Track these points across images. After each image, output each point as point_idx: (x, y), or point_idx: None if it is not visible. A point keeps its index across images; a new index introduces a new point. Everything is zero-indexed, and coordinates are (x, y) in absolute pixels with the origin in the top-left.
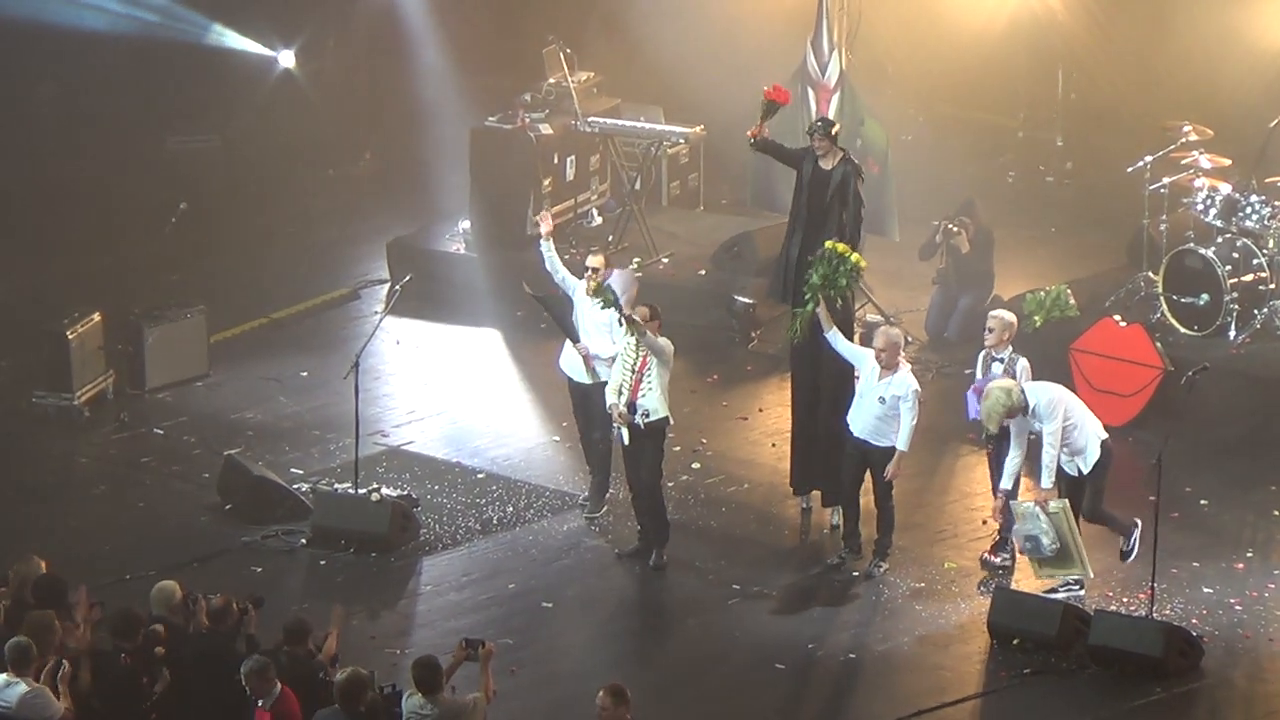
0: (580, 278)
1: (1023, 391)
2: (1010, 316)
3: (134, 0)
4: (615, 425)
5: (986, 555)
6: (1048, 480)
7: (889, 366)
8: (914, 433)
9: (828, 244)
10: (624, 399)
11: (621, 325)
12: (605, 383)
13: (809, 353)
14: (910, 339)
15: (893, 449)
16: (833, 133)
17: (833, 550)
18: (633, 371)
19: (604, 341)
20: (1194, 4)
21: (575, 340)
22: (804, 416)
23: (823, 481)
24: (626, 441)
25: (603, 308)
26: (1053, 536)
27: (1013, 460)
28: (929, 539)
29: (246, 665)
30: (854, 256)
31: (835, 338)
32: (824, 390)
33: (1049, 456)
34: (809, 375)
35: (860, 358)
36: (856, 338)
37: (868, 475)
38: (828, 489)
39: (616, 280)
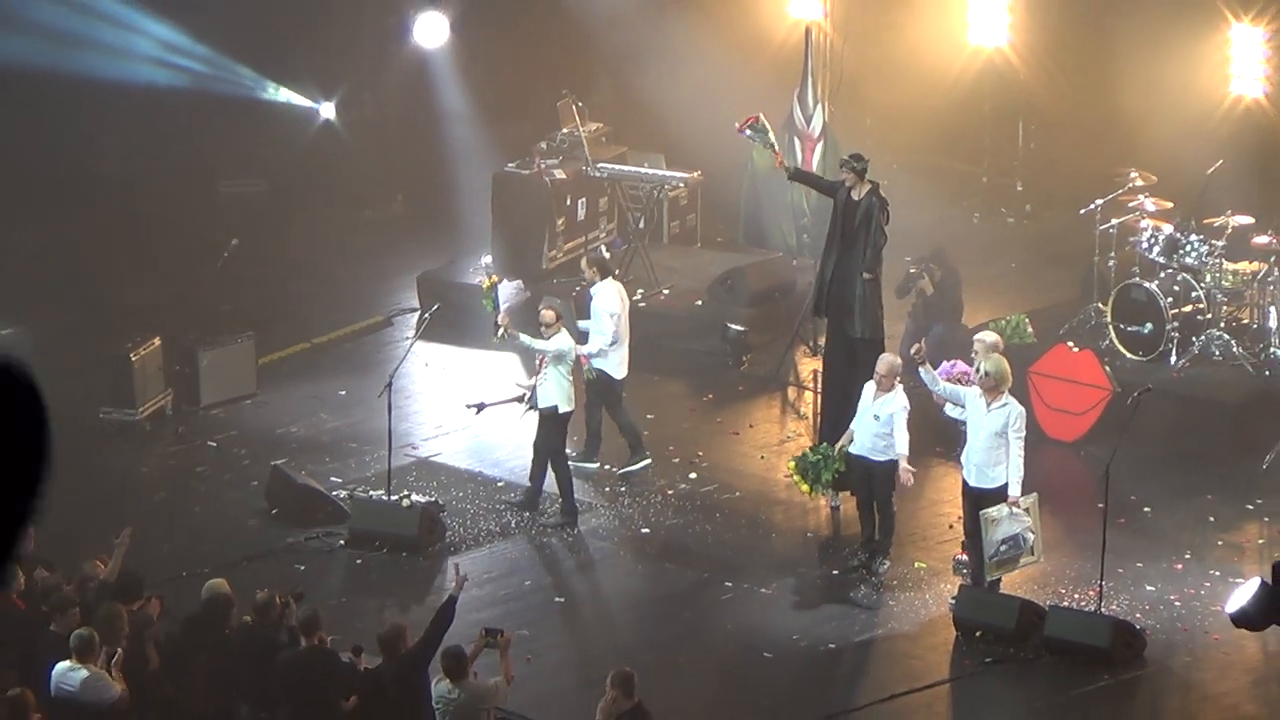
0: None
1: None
2: (993, 337)
3: (187, 56)
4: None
5: (958, 556)
6: (1017, 489)
7: (885, 389)
8: (909, 441)
9: (791, 465)
10: (530, 383)
11: (498, 329)
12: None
13: (837, 358)
14: None
15: (891, 463)
16: (860, 166)
17: (820, 552)
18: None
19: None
20: (1140, 63)
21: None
22: (832, 397)
23: None
24: (521, 415)
25: (489, 309)
26: (1032, 529)
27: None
28: (901, 541)
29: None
30: (834, 462)
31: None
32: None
33: (1018, 470)
34: (840, 377)
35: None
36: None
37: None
38: None
39: (504, 290)
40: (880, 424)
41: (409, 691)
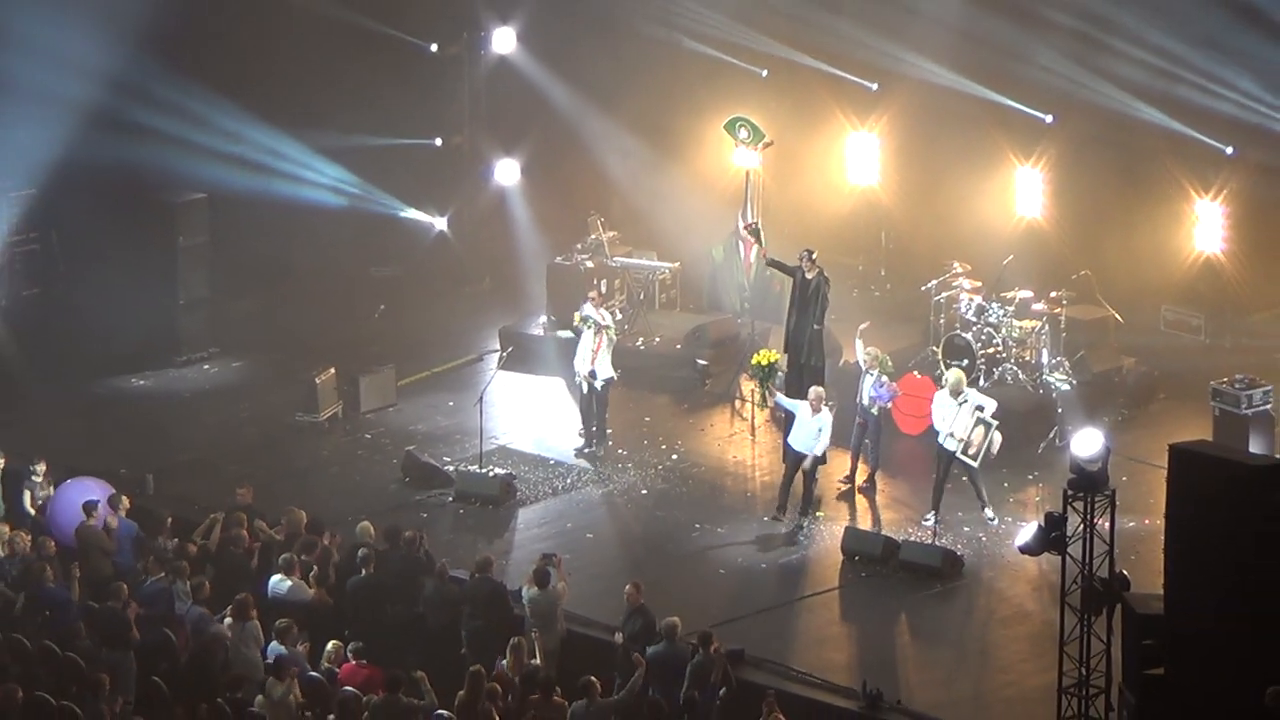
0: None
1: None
2: (876, 350)
3: (348, 185)
4: (581, 380)
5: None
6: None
7: (816, 409)
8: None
9: (754, 360)
10: (587, 367)
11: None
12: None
13: (792, 377)
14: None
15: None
16: (813, 257)
17: (757, 506)
18: (592, 350)
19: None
20: (961, 193)
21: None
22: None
23: None
24: (585, 390)
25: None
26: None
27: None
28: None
29: None
30: (768, 359)
31: (781, 400)
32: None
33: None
34: (796, 388)
35: (797, 406)
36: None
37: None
38: None
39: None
40: (817, 431)
41: (498, 602)
